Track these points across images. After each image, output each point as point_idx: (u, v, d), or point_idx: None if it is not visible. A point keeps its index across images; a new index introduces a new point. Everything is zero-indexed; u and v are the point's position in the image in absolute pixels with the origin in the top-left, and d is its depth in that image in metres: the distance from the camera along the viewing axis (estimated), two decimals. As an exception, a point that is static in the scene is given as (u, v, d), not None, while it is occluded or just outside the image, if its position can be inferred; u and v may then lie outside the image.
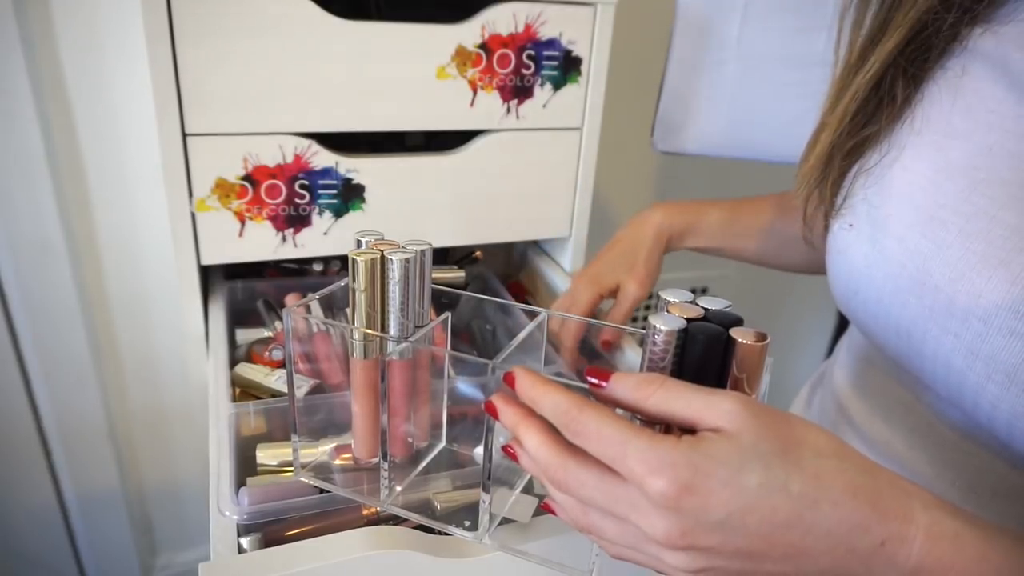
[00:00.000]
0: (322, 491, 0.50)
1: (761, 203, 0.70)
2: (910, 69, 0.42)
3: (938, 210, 0.39)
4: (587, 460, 0.31)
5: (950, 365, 0.38)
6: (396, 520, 0.50)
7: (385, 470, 0.47)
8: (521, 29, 0.73)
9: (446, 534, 0.46)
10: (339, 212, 0.74)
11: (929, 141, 0.41)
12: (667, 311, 0.36)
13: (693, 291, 0.38)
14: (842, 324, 1.61)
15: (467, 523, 0.47)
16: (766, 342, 0.34)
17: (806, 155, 0.49)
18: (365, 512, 0.51)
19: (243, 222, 0.71)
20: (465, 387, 0.55)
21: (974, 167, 0.38)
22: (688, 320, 0.34)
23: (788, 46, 0.84)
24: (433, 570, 0.45)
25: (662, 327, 0.34)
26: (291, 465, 0.53)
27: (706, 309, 0.36)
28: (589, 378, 0.33)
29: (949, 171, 0.39)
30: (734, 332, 0.34)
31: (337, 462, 0.52)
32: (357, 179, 0.73)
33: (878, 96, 0.44)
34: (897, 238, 0.41)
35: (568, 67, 0.77)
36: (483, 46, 0.73)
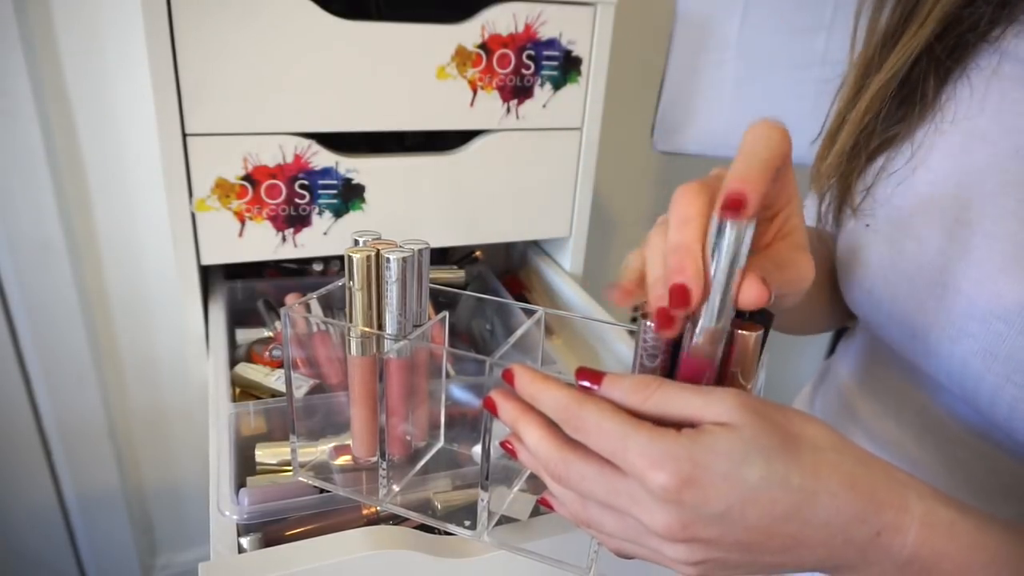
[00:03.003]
0: (322, 491, 0.50)
1: None
2: (941, 68, 0.42)
3: (962, 212, 0.38)
4: (587, 454, 0.31)
5: (967, 366, 0.38)
6: (396, 520, 0.50)
7: (384, 469, 0.47)
8: (521, 29, 0.74)
9: (446, 533, 0.46)
10: (339, 212, 0.74)
11: (955, 143, 0.41)
12: None
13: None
14: (842, 324, 1.60)
15: (467, 523, 0.47)
16: (759, 333, 0.33)
17: (822, 152, 0.47)
18: (365, 512, 0.51)
19: (243, 222, 0.71)
20: (461, 392, 0.55)
21: (1002, 169, 0.38)
22: None
23: (788, 46, 0.84)
24: (433, 570, 0.45)
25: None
26: (291, 463, 0.53)
27: None
28: (580, 381, 0.32)
29: (975, 173, 0.39)
30: None
31: (336, 462, 0.52)
32: (357, 179, 0.73)
33: (903, 94, 0.43)
34: (917, 239, 0.40)
35: (568, 67, 0.77)
36: (483, 46, 0.73)
